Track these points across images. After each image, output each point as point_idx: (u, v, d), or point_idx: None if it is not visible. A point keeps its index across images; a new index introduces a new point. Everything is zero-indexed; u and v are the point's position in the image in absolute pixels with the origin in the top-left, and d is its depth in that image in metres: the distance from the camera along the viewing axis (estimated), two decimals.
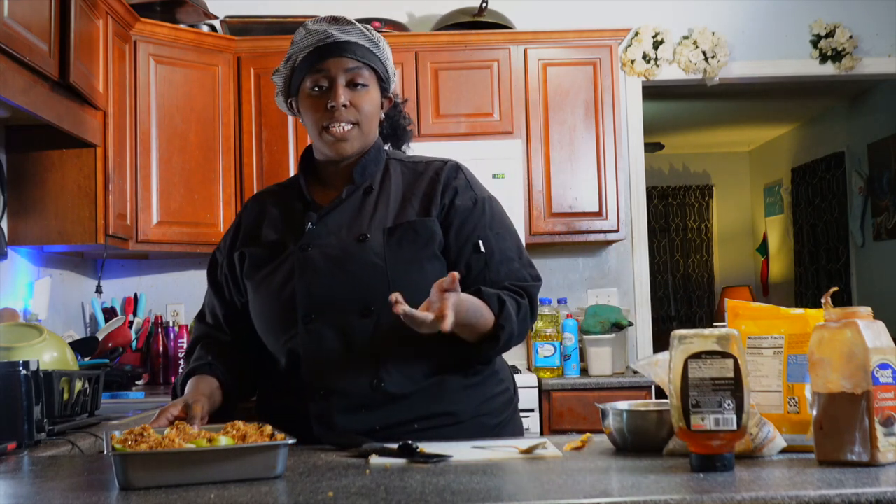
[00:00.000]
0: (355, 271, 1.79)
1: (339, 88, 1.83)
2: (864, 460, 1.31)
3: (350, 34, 1.87)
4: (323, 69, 1.85)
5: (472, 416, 1.83)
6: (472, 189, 1.90)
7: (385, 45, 1.94)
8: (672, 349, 1.35)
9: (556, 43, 4.22)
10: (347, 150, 1.86)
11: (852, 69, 4.57)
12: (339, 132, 1.84)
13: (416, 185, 1.89)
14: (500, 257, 1.85)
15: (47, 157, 3.36)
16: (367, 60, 1.87)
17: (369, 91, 1.87)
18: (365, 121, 1.86)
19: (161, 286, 4.41)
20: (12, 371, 1.90)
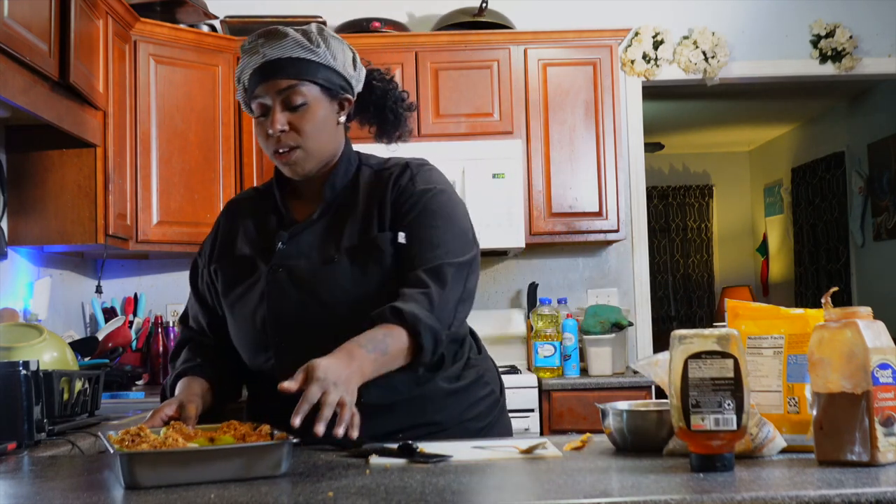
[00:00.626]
0: (323, 295, 1.76)
1: (276, 114, 1.77)
2: (864, 460, 1.31)
3: (283, 49, 1.76)
4: (259, 94, 1.78)
5: (457, 423, 1.82)
6: (413, 184, 1.83)
7: (334, 44, 1.81)
8: (672, 349, 1.35)
9: (556, 43, 4.22)
10: (299, 172, 1.82)
11: (852, 69, 4.57)
12: (283, 158, 1.80)
13: (380, 194, 1.83)
14: (420, 246, 1.76)
15: (47, 157, 3.36)
16: (304, 75, 1.77)
17: (309, 108, 1.78)
18: (308, 141, 1.79)
19: (161, 286, 4.41)
20: (12, 371, 1.90)
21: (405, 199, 1.81)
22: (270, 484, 1.33)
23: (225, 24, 4.18)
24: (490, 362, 1.98)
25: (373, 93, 1.91)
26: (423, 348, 1.66)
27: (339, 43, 1.83)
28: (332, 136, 1.84)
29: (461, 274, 1.75)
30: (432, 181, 1.86)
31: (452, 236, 1.79)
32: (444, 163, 3.98)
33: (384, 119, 1.93)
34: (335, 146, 1.86)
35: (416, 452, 1.48)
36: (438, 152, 4.01)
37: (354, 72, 1.85)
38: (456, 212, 1.85)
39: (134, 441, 1.42)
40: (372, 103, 1.91)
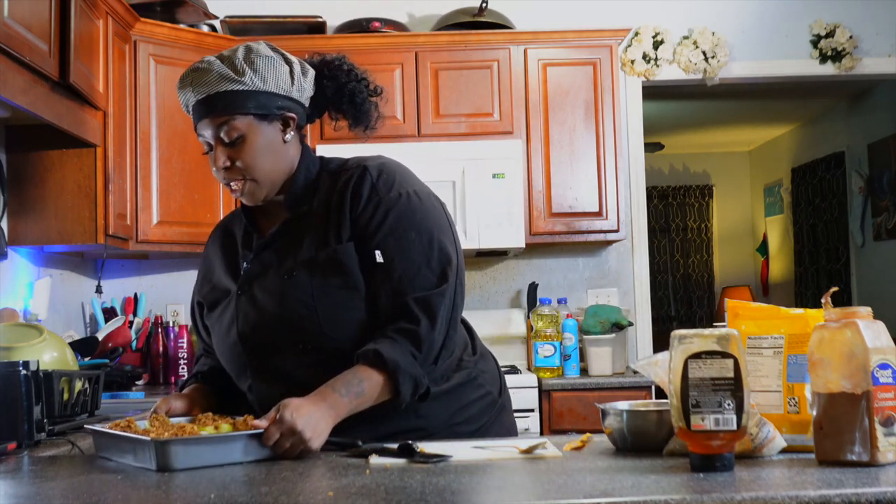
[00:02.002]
0: (285, 310, 1.75)
1: (217, 151, 1.79)
2: (864, 460, 1.31)
3: (209, 86, 1.75)
4: (199, 132, 1.81)
5: (446, 427, 1.79)
6: (377, 192, 1.77)
7: (262, 65, 1.77)
8: (672, 349, 1.35)
9: (556, 43, 4.22)
10: (254, 200, 1.82)
11: (852, 69, 4.57)
12: (233, 190, 1.81)
13: (337, 202, 1.78)
14: (401, 265, 1.72)
15: (47, 157, 3.36)
16: (234, 109, 1.75)
17: (246, 140, 1.76)
18: (253, 172, 1.78)
19: (161, 286, 4.41)
20: (12, 371, 1.90)
21: (371, 209, 1.76)
22: (270, 484, 1.34)
23: (225, 24, 4.18)
24: (487, 363, 1.94)
25: (324, 92, 1.87)
26: (399, 395, 1.67)
27: (269, 61, 1.78)
28: (279, 157, 1.81)
29: (449, 300, 1.73)
30: (396, 184, 1.79)
31: (433, 250, 1.75)
32: (444, 163, 4.02)
33: (345, 113, 1.89)
34: (287, 164, 1.83)
35: (416, 452, 1.48)
36: (438, 152, 4.02)
37: (293, 85, 1.80)
38: (431, 216, 1.79)
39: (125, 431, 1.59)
40: (327, 102, 1.88)
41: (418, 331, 1.69)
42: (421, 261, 1.74)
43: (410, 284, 1.72)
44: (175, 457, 1.47)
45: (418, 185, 1.83)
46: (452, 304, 1.75)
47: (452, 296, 1.75)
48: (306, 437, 1.54)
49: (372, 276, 1.74)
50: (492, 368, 1.95)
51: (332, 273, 1.73)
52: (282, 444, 1.53)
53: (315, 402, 1.59)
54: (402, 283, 1.72)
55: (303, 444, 1.54)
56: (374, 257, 1.73)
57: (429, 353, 1.71)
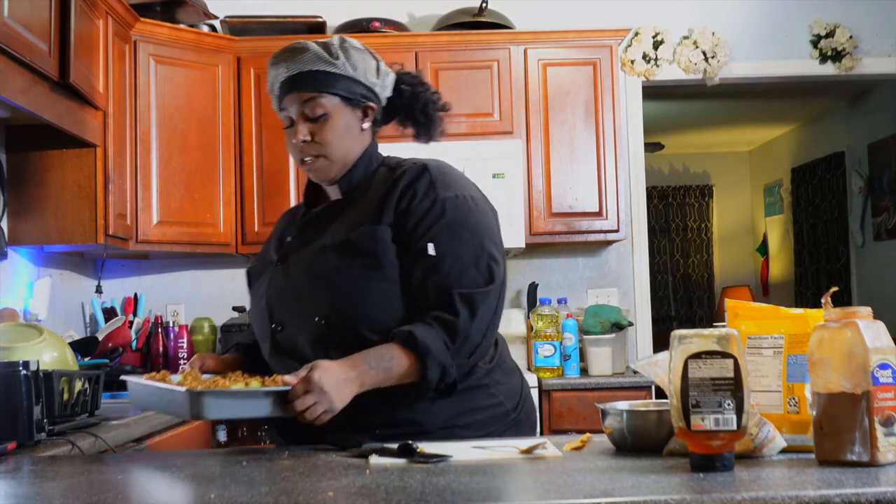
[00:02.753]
0: (311, 284, 1.82)
1: (299, 125, 1.87)
2: (864, 460, 1.31)
3: (303, 63, 1.85)
4: (284, 107, 1.90)
5: (443, 427, 1.78)
6: (435, 190, 1.83)
7: (355, 55, 1.89)
8: (672, 349, 1.35)
9: (556, 43, 4.22)
10: (322, 178, 1.92)
11: (852, 69, 4.57)
12: (307, 166, 1.90)
13: (386, 190, 1.86)
14: (451, 261, 1.78)
15: (47, 157, 3.36)
16: (324, 87, 1.86)
17: (330, 118, 1.87)
18: (330, 150, 1.88)
19: (161, 286, 4.41)
20: (12, 371, 1.90)
21: (428, 203, 1.82)
22: (270, 484, 1.34)
23: (225, 24, 4.18)
24: (508, 376, 1.93)
25: (401, 97, 1.97)
26: (426, 379, 1.71)
27: (361, 53, 1.90)
28: (354, 142, 1.92)
29: (492, 301, 1.78)
30: (455, 186, 1.87)
31: (483, 253, 1.80)
32: None
33: (415, 121, 2.00)
34: (358, 150, 1.93)
35: (416, 452, 1.48)
36: (438, 152, 4.00)
37: (378, 79, 1.92)
38: (484, 222, 1.85)
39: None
40: (401, 107, 1.98)
41: (456, 322, 1.73)
42: (470, 261, 1.79)
43: (457, 281, 1.77)
44: (207, 407, 1.55)
45: (475, 191, 1.91)
46: (494, 308, 1.80)
47: (495, 300, 1.80)
48: (330, 399, 1.61)
49: (417, 267, 1.79)
50: (512, 382, 1.94)
51: (359, 253, 1.79)
52: (306, 401, 1.60)
53: (344, 368, 1.66)
54: (449, 279, 1.77)
55: (325, 406, 1.61)
56: (425, 249, 1.78)
57: (462, 346, 1.74)
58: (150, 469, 1.53)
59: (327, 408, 1.62)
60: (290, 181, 4.09)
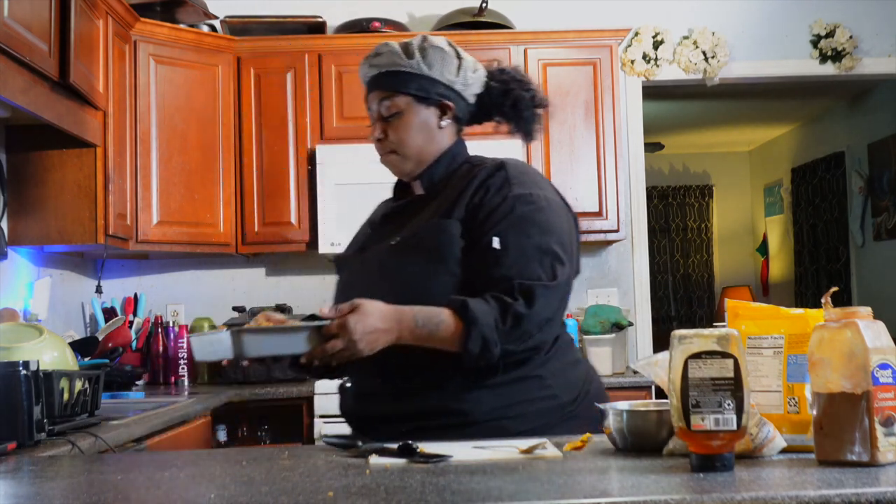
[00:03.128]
0: (380, 277, 1.89)
1: (376, 124, 1.99)
2: (864, 460, 1.31)
3: (381, 65, 1.96)
4: (368, 107, 2.02)
5: (489, 419, 1.79)
6: (509, 186, 1.86)
7: (432, 54, 1.95)
8: (672, 349, 1.35)
9: (556, 43, 4.22)
10: (398, 173, 2.02)
11: (852, 69, 4.57)
12: (385, 161, 2.01)
13: (462, 185, 1.91)
14: (515, 255, 1.79)
15: (47, 157, 3.36)
16: (396, 87, 1.95)
17: (403, 117, 1.95)
18: (402, 147, 1.96)
19: (161, 286, 4.41)
20: (12, 371, 1.90)
21: (500, 199, 1.84)
22: (270, 484, 1.34)
23: (225, 24, 4.18)
24: (567, 368, 1.91)
25: (490, 94, 2.01)
26: (466, 349, 1.73)
27: (440, 52, 1.96)
28: (430, 139, 1.98)
29: (553, 298, 1.79)
30: (529, 185, 1.89)
31: (548, 252, 1.81)
32: None
33: (506, 118, 2.02)
34: (436, 147, 1.99)
35: (416, 452, 1.48)
36: None
37: (457, 77, 1.97)
38: (555, 223, 1.87)
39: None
40: (490, 104, 2.02)
41: (512, 305, 1.74)
42: (534, 256, 1.80)
43: (519, 274, 1.78)
44: (247, 345, 1.65)
45: (550, 192, 1.94)
46: (555, 306, 1.81)
47: (556, 299, 1.80)
48: (358, 348, 1.70)
49: (482, 261, 1.81)
50: (572, 375, 1.92)
51: (424, 247, 1.85)
52: (335, 345, 1.69)
53: (385, 317, 1.73)
54: (511, 271, 1.78)
55: (350, 352, 1.70)
56: (490, 242, 1.80)
57: (513, 330, 1.74)
58: (150, 469, 1.53)
59: (351, 354, 1.69)
60: (290, 181, 4.09)
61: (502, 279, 1.77)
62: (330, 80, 4.11)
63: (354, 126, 4.11)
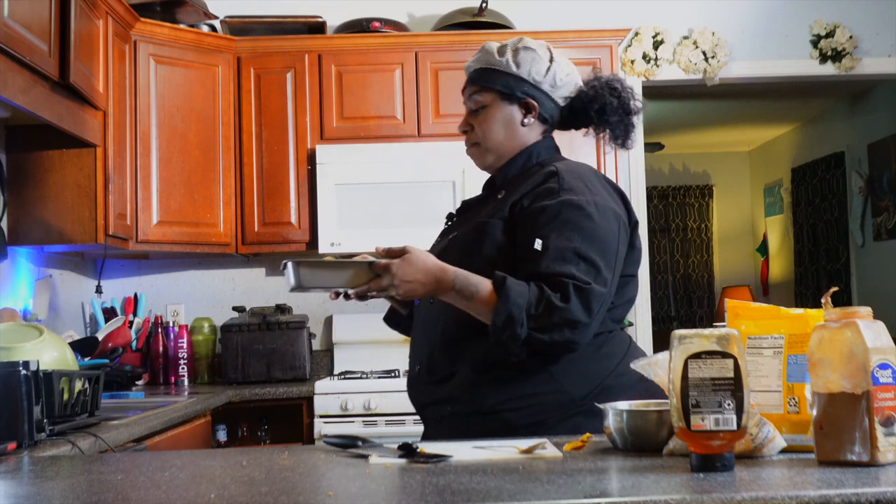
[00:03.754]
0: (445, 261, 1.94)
1: (464, 116, 2.09)
2: (864, 460, 1.31)
3: (476, 61, 2.07)
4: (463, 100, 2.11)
5: (493, 411, 1.85)
6: (559, 192, 1.89)
7: (522, 55, 2.03)
8: (672, 349, 1.35)
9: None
10: (479, 164, 2.11)
11: (852, 69, 4.57)
12: (468, 152, 2.11)
13: (518, 186, 1.98)
14: (554, 255, 1.82)
15: (47, 157, 3.36)
16: (484, 83, 2.04)
17: (487, 111, 2.04)
18: (483, 139, 2.05)
19: (161, 286, 4.41)
20: (12, 371, 1.90)
21: (547, 201, 1.88)
22: (270, 484, 1.34)
23: (225, 24, 4.18)
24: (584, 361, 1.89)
25: (580, 99, 2.07)
26: (492, 323, 1.78)
27: (532, 52, 2.04)
28: (511, 135, 2.06)
29: (587, 300, 1.77)
30: (579, 190, 1.90)
31: (587, 257, 1.81)
32: (444, 163, 4.01)
33: (593, 123, 2.08)
34: (517, 144, 2.06)
35: (416, 452, 1.48)
36: (438, 152, 4.02)
37: (545, 78, 2.04)
38: (600, 228, 1.86)
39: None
40: (579, 109, 2.08)
41: (548, 294, 1.77)
42: (571, 260, 1.81)
43: (554, 272, 1.80)
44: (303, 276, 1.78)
45: (600, 198, 1.92)
46: (588, 310, 1.78)
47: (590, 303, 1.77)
48: (398, 292, 1.80)
49: (522, 260, 1.86)
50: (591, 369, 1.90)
51: (472, 241, 1.93)
52: (378, 283, 1.80)
53: (428, 271, 1.81)
54: (547, 269, 1.81)
55: (389, 293, 1.81)
56: (532, 244, 1.85)
57: (542, 317, 1.76)
58: (150, 469, 1.53)
59: (390, 294, 1.82)
60: (290, 181, 4.09)
61: (536, 276, 1.80)
62: (330, 80, 4.11)
63: (354, 126, 4.11)
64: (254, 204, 4.09)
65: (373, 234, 3.95)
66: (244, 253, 4.16)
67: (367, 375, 3.90)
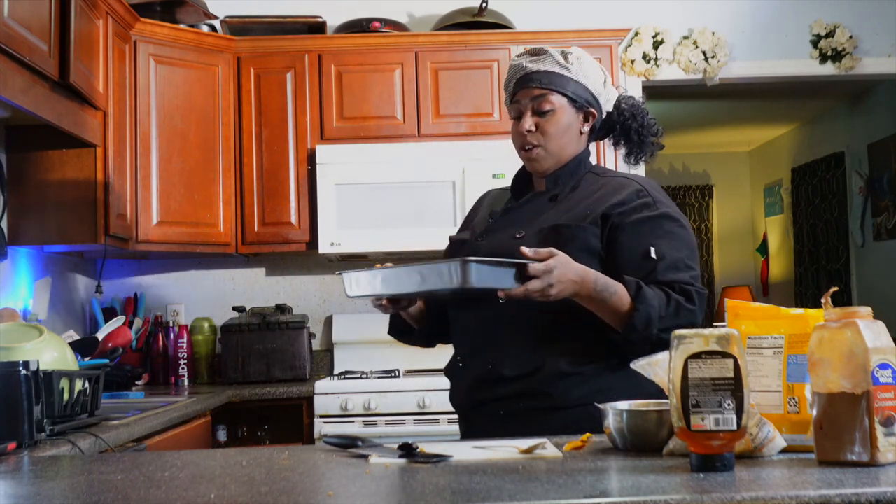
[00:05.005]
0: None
1: (526, 117, 2.07)
2: (864, 460, 1.31)
3: (540, 63, 2.07)
4: (516, 100, 2.10)
5: (577, 405, 1.89)
6: (655, 206, 2.00)
7: (587, 65, 2.09)
8: (672, 349, 1.35)
9: (556, 43, 4.21)
10: (537, 167, 2.10)
11: (852, 69, 4.57)
12: (526, 154, 2.10)
13: (598, 197, 2.02)
14: (668, 263, 1.93)
15: (47, 157, 3.36)
16: (555, 86, 2.06)
17: (555, 114, 2.06)
18: (550, 142, 2.07)
19: (161, 286, 4.41)
20: (12, 371, 1.90)
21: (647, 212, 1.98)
22: (270, 484, 1.34)
23: (225, 24, 4.18)
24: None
25: (622, 114, 2.15)
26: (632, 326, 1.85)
27: (593, 65, 2.11)
28: (572, 141, 2.10)
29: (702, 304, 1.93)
30: (667, 203, 2.05)
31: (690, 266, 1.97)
32: (444, 163, 4.02)
33: (629, 140, 2.16)
34: (574, 151, 2.11)
35: (416, 452, 1.48)
36: (438, 152, 4.01)
37: (604, 90, 2.11)
38: (691, 238, 2.04)
39: None
40: (620, 123, 2.15)
41: (675, 296, 1.88)
42: (683, 269, 1.95)
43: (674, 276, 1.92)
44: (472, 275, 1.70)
45: (678, 211, 2.07)
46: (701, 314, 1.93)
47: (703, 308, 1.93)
48: (552, 292, 1.78)
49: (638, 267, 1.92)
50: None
51: (561, 243, 1.91)
52: (534, 284, 1.76)
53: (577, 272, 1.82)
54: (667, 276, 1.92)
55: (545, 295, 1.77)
56: (648, 252, 1.93)
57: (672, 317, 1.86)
58: (150, 469, 1.53)
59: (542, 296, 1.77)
60: (290, 181, 4.09)
61: (655, 282, 1.90)
62: (330, 80, 4.11)
63: (354, 126, 4.11)
64: (254, 204, 4.09)
65: (373, 235, 3.95)
66: (244, 253, 4.16)
67: (367, 375, 3.89)
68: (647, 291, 1.87)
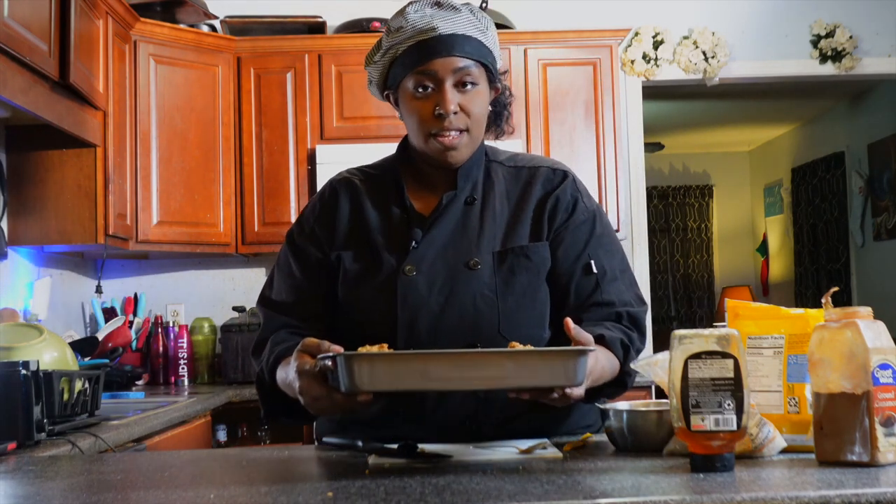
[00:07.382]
0: (463, 303, 1.64)
1: (448, 93, 1.62)
2: (865, 461, 1.31)
3: (457, 24, 1.63)
4: (429, 71, 1.62)
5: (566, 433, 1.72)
6: (585, 201, 1.73)
7: (493, 28, 1.69)
8: (672, 349, 1.35)
9: (555, 43, 4.22)
10: (458, 158, 1.67)
11: (852, 69, 4.57)
12: (448, 141, 1.64)
13: (525, 198, 1.71)
14: (609, 277, 1.69)
15: (47, 157, 3.36)
16: (478, 56, 1.64)
17: (479, 90, 1.66)
18: (475, 125, 1.66)
19: (161, 286, 4.41)
20: (12, 371, 1.90)
21: (582, 218, 1.72)
22: (270, 484, 1.34)
23: (225, 24, 4.18)
24: None
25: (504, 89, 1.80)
26: (628, 374, 1.66)
27: (493, 26, 1.71)
28: (485, 125, 1.73)
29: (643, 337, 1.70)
30: (593, 199, 1.79)
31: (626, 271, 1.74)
32: None
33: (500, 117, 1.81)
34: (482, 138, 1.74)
35: (416, 452, 1.48)
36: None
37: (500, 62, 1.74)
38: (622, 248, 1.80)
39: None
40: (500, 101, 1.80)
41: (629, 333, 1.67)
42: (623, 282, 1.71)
43: (620, 301, 1.69)
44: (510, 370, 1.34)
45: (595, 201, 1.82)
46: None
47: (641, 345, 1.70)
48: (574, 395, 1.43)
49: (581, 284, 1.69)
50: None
51: (521, 269, 1.66)
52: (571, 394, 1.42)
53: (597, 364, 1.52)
54: (612, 297, 1.68)
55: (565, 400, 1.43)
56: (589, 266, 1.68)
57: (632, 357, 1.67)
58: (150, 469, 1.53)
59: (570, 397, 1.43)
60: (290, 181, 4.09)
61: (606, 304, 1.68)
62: (330, 80, 4.11)
63: (354, 126, 4.11)
64: (254, 204, 4.09)
65: None
66: (244, 253, 4.16)
67: None
68: (632, 351, 1.65)
